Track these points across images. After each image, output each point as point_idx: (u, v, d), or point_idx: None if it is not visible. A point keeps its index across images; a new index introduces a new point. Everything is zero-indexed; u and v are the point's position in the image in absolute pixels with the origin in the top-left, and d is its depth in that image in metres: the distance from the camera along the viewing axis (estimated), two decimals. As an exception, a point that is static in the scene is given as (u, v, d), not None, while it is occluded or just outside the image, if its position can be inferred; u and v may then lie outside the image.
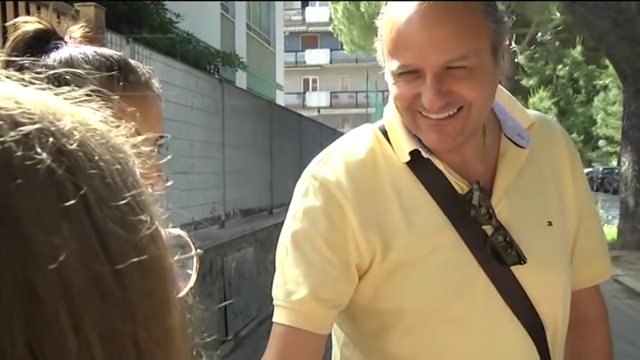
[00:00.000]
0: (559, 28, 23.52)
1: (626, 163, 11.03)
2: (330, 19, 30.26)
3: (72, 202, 0.33)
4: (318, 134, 13.87)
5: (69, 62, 0.88)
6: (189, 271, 0.63)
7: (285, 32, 26.55)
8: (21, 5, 4.04)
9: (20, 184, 0.32)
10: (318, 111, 43.55)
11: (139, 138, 0.40)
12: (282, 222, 1.19)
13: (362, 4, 22.62)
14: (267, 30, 21.23)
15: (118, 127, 0.39)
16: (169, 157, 0.88)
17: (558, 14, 20.95)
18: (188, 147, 5.97)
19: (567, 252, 1.23)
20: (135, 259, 0.35)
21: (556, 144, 1.25)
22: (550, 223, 1.18)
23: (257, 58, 17.56)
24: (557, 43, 23.82)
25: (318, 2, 47.62)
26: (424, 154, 1.13)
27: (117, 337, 0.33)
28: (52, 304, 0.31)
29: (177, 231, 0.59)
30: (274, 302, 1.13)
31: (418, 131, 1.12)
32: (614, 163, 31.53)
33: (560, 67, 26.23)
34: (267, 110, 9.62)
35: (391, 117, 1.18)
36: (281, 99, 20.54)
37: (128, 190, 0.36)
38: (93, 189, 0.34)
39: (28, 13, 4.04)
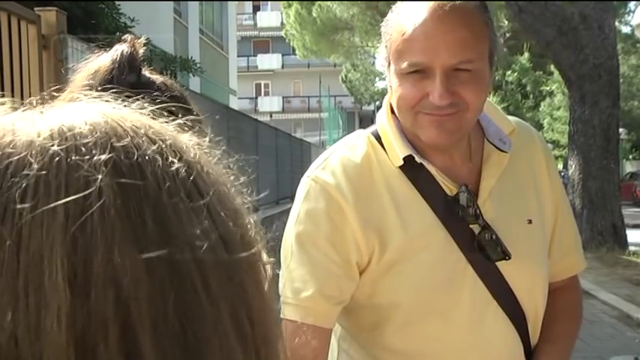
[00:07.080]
0: (507, 36, 24.07)
1: (573, 166, 11.30)
2: (282, 23, 30.25)
3: (201, 202, 0.40)
4: (274, 139, 13.96)
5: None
6: None
7: (237, 37, 26.45)
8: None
9: (164, 188, 0.38)
10: (271, 116, 43.41)
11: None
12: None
13: (314, 9, 22.68)
14: (219, 35, 21.16)
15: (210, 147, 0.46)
16: None
17: (507, 22, 21.44)
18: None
19: (546, 248, 1.32)
20: (245, 253, 0.41)
21: (534, 147, 1.34)
22: (530, 221, 1.27)
23: (210, 63, 17.47)
24: (505, 50, 24.38)
25: (269, 7, 47.62)
26: (417, 159, 1.21)
27: (237, 313, 0.40)
28: (192, 282, 0.38)
29: None
30: (282, 300, 1.19)
31: (418, 129, 1.18)
32: (560, 166, 32.36)
33: (509, 73, 26.75)
34: (224, 115, 9.62)
35: (385, 123, 1.26)
36: (234, 104, 20.46)
37: (234, 197, 0.43)
38: (213, 194, 0.41)
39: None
